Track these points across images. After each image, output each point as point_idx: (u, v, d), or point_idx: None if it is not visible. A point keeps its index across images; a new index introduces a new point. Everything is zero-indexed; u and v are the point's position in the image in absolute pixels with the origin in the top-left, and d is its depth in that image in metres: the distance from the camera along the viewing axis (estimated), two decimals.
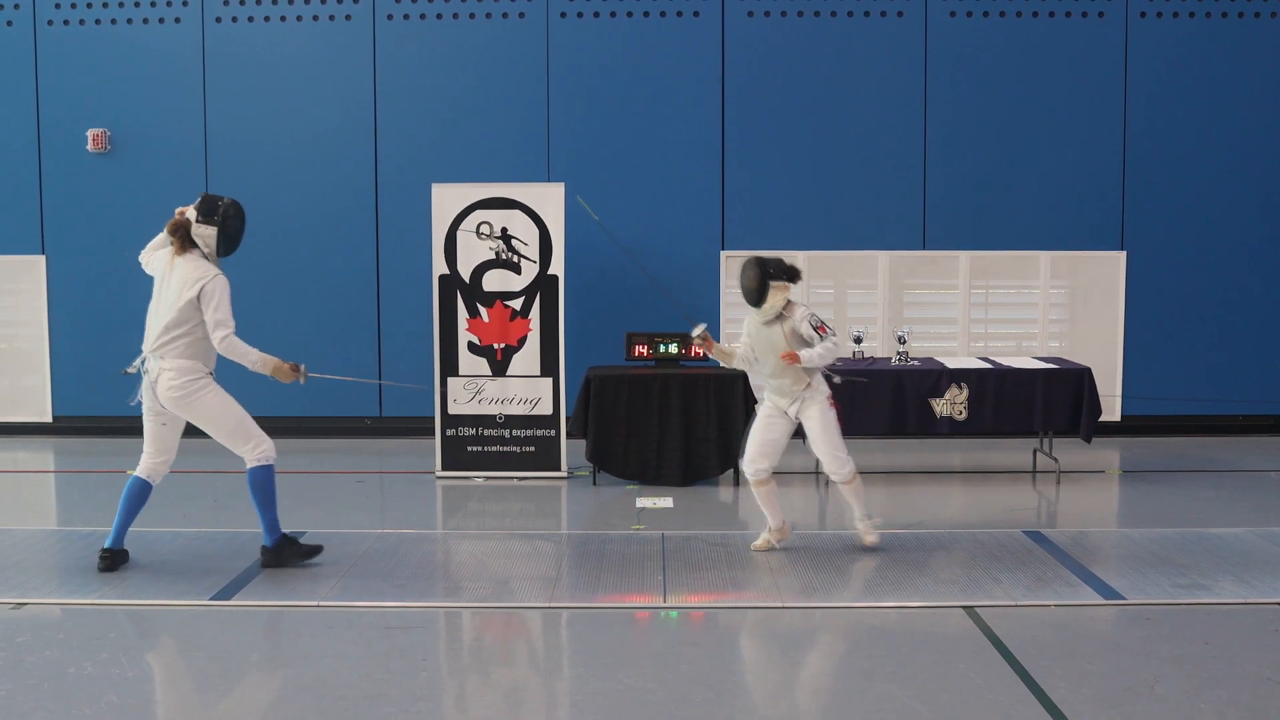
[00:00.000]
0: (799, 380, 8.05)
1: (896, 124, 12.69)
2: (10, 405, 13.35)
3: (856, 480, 8.20)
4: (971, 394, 10.39)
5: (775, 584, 7.49)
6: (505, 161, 12.60)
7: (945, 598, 7.15)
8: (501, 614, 7.03)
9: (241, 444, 7.73)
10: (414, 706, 5.54)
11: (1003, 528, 8.87)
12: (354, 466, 11.52)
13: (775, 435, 8.23)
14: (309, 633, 6.59)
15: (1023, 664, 5.97)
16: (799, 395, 8.09)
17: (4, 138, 13.03)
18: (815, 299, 12.75)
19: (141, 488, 7.78)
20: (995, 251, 12.77)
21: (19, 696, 5.67)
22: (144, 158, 12.94)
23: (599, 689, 5.82)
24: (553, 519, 9.71)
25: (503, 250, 10.76)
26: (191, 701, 5.68)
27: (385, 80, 12.87)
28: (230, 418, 7.69)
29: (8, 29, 12.99)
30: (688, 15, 12.69)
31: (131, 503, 7.78)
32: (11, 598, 7.20)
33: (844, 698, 5.62)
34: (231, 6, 12.87)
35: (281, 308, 12.87)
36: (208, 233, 7.69)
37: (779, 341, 8.01)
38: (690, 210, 12.78)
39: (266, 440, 7.79)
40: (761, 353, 8.17)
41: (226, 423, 7.68)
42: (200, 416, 7.64)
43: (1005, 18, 12.60)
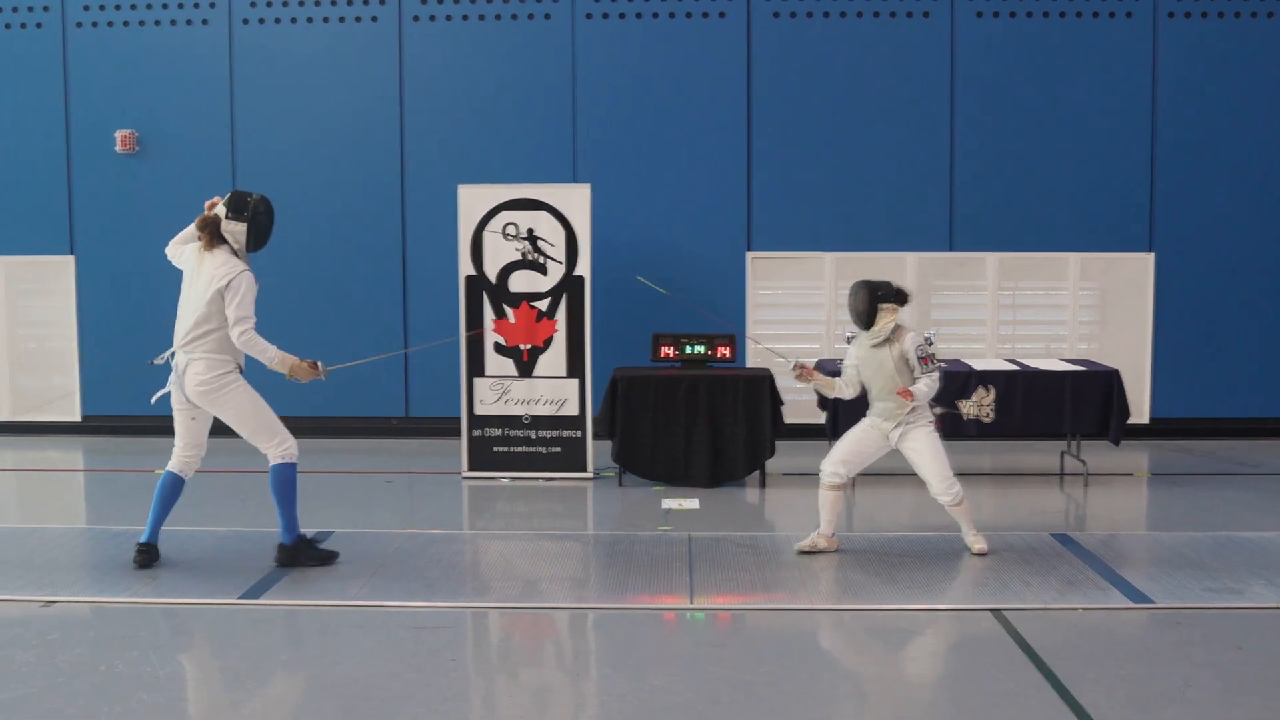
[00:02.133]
0: (905, 405, 8.05)
1: (924, 125, 12.65)
2: (40, 404, 13.42)
3: (964, 502, 8.19)
4: (999, 396, 10.35)
5: (803, 585, 7.47)
6: (531, 162, 12.62)
7: (973, 600, 7.13)
8: (529, 614, 7.04)
9: (266, 440, 7.77)
10: (442, 706, 5.55)
11: (1031, 530, 8.84)
12: (381, 467, 11.54)
13: (867, 449, 8.27)
14: (337, 632, 6.60)
15: (1051, 668, 5.94)
16: (902, 420, 8.09)
17: (33, 139, 13.11)
18: (843, 300, 12.67)
19: (174, 482, 7.83)
20: (1023, 253, 12.71)
21: (50, 694, 5.70)
22: (172, 159, 12.99)
23: (626, 690, 5.82)
24: (579, 520, 9.71)
25: (529, 251, 10.77)
26: (221, 700, 5.69)
27: (411, 81, 12.90)
28: (256, 414, 7.74)
29: (37, 31, 13.07)
30: (714, 16, 12.67)
31: (165, 497, 7.84)
32: (42, 596, 7.23)
33: (872, 700, 5.60)
34: (259, 8, 12.92)
35: (308, 308, 12.92)
36: (237, 229, 7.73)
37: (888, 365, 8.05)
38: (716, 212, 12.76)
39: (291, 439, 7.83)
40: (868, 375, 8.21)
41: (252, 419, 7.72)
42: (226, 412, 7.69)
43: (1032, 18, 12.54)
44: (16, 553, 8.13)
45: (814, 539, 8.26)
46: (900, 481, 10.79)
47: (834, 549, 8.26)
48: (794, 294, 12.92)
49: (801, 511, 9.76)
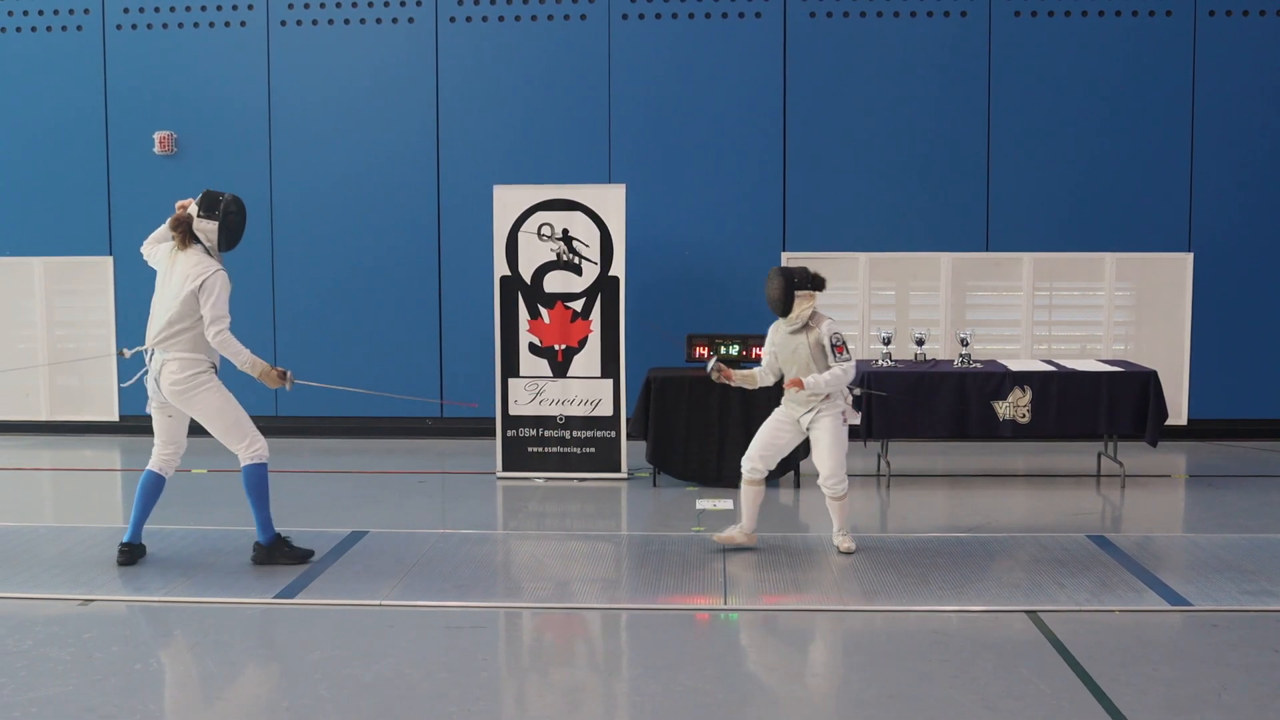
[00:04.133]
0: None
1: (960, 124, 12.60)
2: (78, 404, 13.55)
3: (846, 499, 8.22)
4: (1035, 396, 10.30)
5: (836, 586, 7.45)
6: (566, 163, 12.64)
7: (1008, 602, 7.09)
8: (561, 614, 7.05)
9: (237, 441, 7.84)
10: (475, 706, 5.56)
11: (1066, 532, 8.79)
12: (415, 467, 11.58)
13: (781, 441, 8.30)
14: (371, 631, 6.63)
15: (1087, 670, 5.91)
16: (815, 406, 8.10)
17: (73, 141, 13.24)
18: (877, 301, 12.69)
19: (155, 481, 7.93)
20: (1059, 253, 12.64)
21: (87, 691, 5.75)
22: (210, 160, 13.08)
23: (659, 690, 5.82)
24: (613, 520, 9.72)
25: (564, 252, 10.78)
26: (255, 698, 5.73)
27: (447, 82, 12.94)
28: (228, 415, 7.80)
29: (78, 33, 13.18)
30: (749, 16, 12.66)
31: (146, 497, 7.94)
32: (79, 594, 7.29)
33: (905, 702, 5.58)
34: (296, 10, 12.99)
35: (344, 307, 13.01)
36: (209, 228, 7.83)
37: (803, 351, 8.06)
38: (751, 212, 12.75)
39: (261, 440, 7.89)
40: (785, 362, 8.21)
41: (224, 419, 7.79)
42: (199, 411, 7.77)
43: (1070, 17, 12.47)
44: (54, 551, 8.21)
45: (732, 533, 8.32)
46: (932, 483, 10.76)
47: (752, 544, 8.30)
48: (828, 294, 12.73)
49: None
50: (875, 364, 10.76)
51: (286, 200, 13.07)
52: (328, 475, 11.22)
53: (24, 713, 5.45)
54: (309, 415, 13.15)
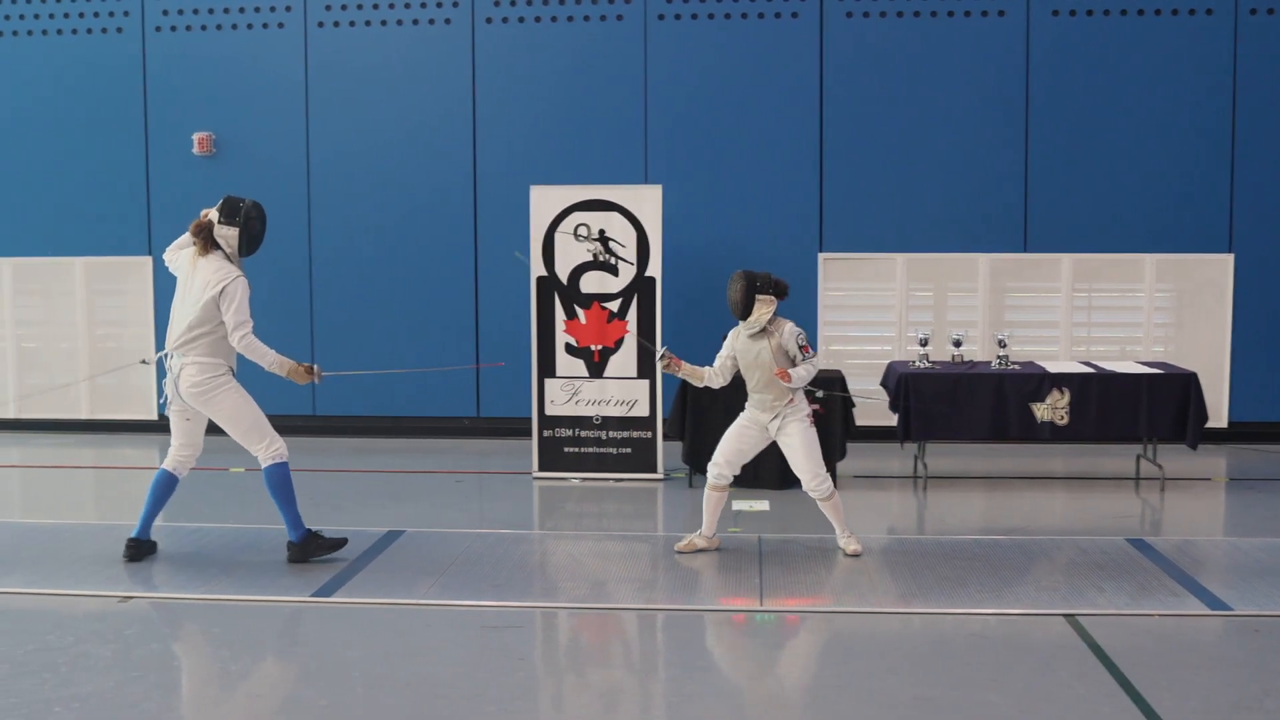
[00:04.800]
0: (782, 395, 8.07)
1: (997, 124, 12.53)
2: (118, 403, 13.65)
3: (835, 497, 8.19)
4: (1074, 398, 10.24)
5: (873, 588, 7.43)
6: (603, 163, 12.64)
7: (1046, 605, 7.05)
8: (598, 615, 7.05)
9: (256, 443, 7.91)
10: (511, 705, 5.57)
11: (1105, 535, 8.73)
12: (452, 466, 11.61)
13: (746, 446, 8.30)
14: (408, 630, 6.65)
15: (1126, 675, 5.87)
16: (780, 411, 8.09)
17: (113, 142, 13.34)
18: (915, 302, 12.64)
19: (168, 480, 8.05)
20: (1098, 254, 12.55)
21: (127, 688, 5.79)
22: (248, 161, 13.15)
23: (694, 691, 5.82)
24: (649, 521, 9.71)
25: (600, 252, 10.79)
26: (293, 696, 5.75)
27: (484, 83, 12.96)
28: (247, 417, 7.88)
29: (118, 36, 13.28)
30: (786, 16, 12.63)
31: (158, 494, 8.05)
32: (119, 591, 7.35)
33: (942, 705, 5.55)
34: (333, 12, 13.05)
35: (382, 308, 13.06)
36: (230, 234, 7.91)
37: (765, 356, 8.05)
38: (788, 212, 12.71)
39: (279, 440, 7.95)
40: (746, 366, 8.20)
41: (243, 421, 7.86)
42: (218, 413, 7.85)
43: (1110, 16, 12.38)
44: (95, 548, 8.27)
45: (692, 539, 8.31)
46: (969, 485, 10.72)
47: (715, 547, 8.30)
48: (865, 295, 12.86)
49: (873, 514, 9.73)
50: (912, 365, 10.72)
51: (323, 201, 13.13)
52: (365, 474, 11.26)
53: (65, 708, 5.49)
54: (346, 415, 13.20)
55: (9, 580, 7.56)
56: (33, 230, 13.53)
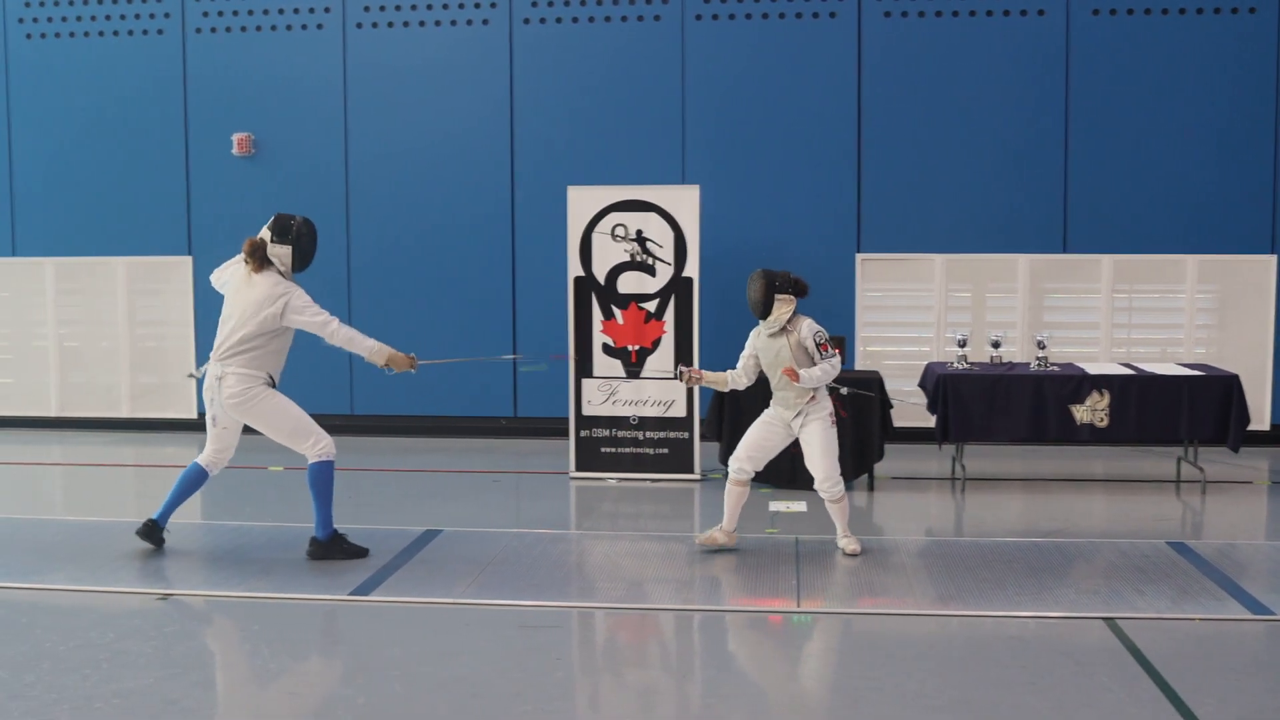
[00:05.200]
0: (803, 393, 8.08)
1: (1037, 124, 12.45)
2: (159, 402, 13.75)
3: (844, 500, 8.20)
4: (1113, 400, 10.17)
5: (910, 590, 7.40)
6: (640, 164, 12.64)
7: (1085, 608, 7.00)
8: (635, 615, 7.05)
9: (302, 442, 7.99)
10: (549, 705, 5.57)
11: (1145, 538, 8.66)
12: (490, 466, 11.63)
13: (770, 443, 8.32)
14: (446, 629, 6.67)
15: (1166, 679, 5.82)
16: (802, 409, 8.11)
17: (154, 143, 13.45)
18: (953, 303, 12.58)
19: (199, 474, 8.17)
20: (1139, 255, 12.46)
21: (167, 684, 5.83)
22: (287, 161, 13.24)
23: (731, 692, 5.81)
24: (686, 521, 9.71)
25: (638, 252, 10.79)
26: (332, 695, 5.77)
27: (521, 84, 12.99)
28: (289, 419, 7.98)
29: (159, 37, 13.39)
30: (824, 16, 12.60)
31: (186, 486, 8.18)
32: (159, 588, 7.41)
33: (980, 708, 5.53)
34: (371, 13, 13.11)
35: (419, 308, 13.10)
36: (283, 252, 8.03)
37: (784, 354, 8.07)
38: (826, 213, 12.68)
39: (326, 438, 8.04)
40: (767, 365, 8.23)
41: (285, 424, 7.97)
42: (259, 421, 7.97)
43: (1151, 15, 12.29)
44: (135, 546, 8.31)
45: (713, 533, 8.34)
46: (1008, 487, 10.66)
47: (732, 544, 8.33)
48: (903, 296, 12.81)
49: (910, 516, 9.70)
50: (951, 366, 10.68)
51: (362, 201, 13.19)
52: (403, 474, 11.30)
53: (106, 704, 5.54)
54: (385, 414, 13.26)
55: (52, 577, 7.63)
56: (75, 230, 13.66)
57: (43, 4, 13.56)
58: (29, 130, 13.69)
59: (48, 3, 13.55)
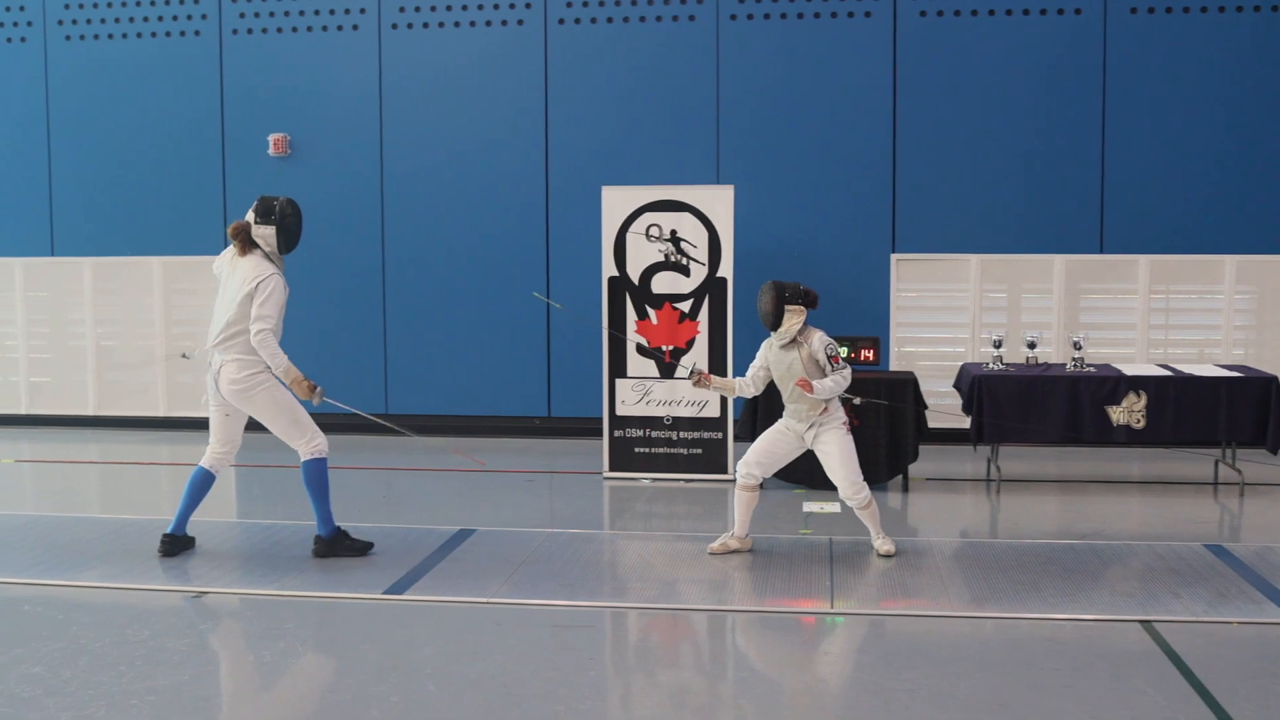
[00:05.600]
0: (815, 405, 8.08)
1: (1072, 124, 12.37)
2: (194, 400, 13.81)
3: (873, 504, 8.18)
4: (1150, 402, 10.10)
5: (945, 592, 7.37)
6: (675, 164, 12.63)
7: (1122, 611, 6.95)
8: (667, 615, 7.05)
9: (296, 438, 8.03)
10: (581, 705, 5.58)
11: (1182, 540, 8.60)
12: (523, 466, 11.65)
13: (781, 451, 8.34)
14: (479, 629, 6.68)
15: (1204, 683, 5.78)
16: (815, 420, 8.11)
17: (191, 143, 13.53)
18: (988, 303, 12.52)
19: (205, 478, 8.19)
20: (1176, 255, 12.36)
21: (201, 682, 5.86)
22: (322, 161, 13.29)
23: (764, 693, 5.80)
24: (719, 521, 9.68)
25: (672, 253, 10.79)
26: (365, 693, 5.79)
27: (556, 84, 13.00)
28: (286, 413, 8.00)
29: (195, 39, 13.47)
30: (859, 16, 12.56)
31: (195, 492, 8.19)
32: (194, 586, 7.45)
33: (1016, 711, 5.49)
34: (407, 14, 13.14)
35: (454, 306, 13.14)
36: (267, 232, 8.03)
37: (796, 366, 8.08)
38: (860, 213, 12.64)
39: (320, 435, 8.06)
40: (779, 377, 8.23)
41: (282, 417, 7.98)
42: (258, 410, 7.98)
43: (1189, 13, 12.19)
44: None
45: (725, 540, 8.32)
46: (1043, 488, 10.60)
47: (747, 549, 8.31)
48: (938, 296, 12.75)
49: (945, 517, 9.66)
50: (986, 367, 10.62)
51: (397, 201, 13.23)
52: (436, 473, 11.33)
53: (141, 701, 5.57)
54: (419, 414, 13.28)
55: (89, 574, 7.70)
56: (112, 230, 13.75)
57: (81, 6, 13.67)
58: (67, 131, 13.79)
59: (86, 5, 13.66)
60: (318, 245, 12.88)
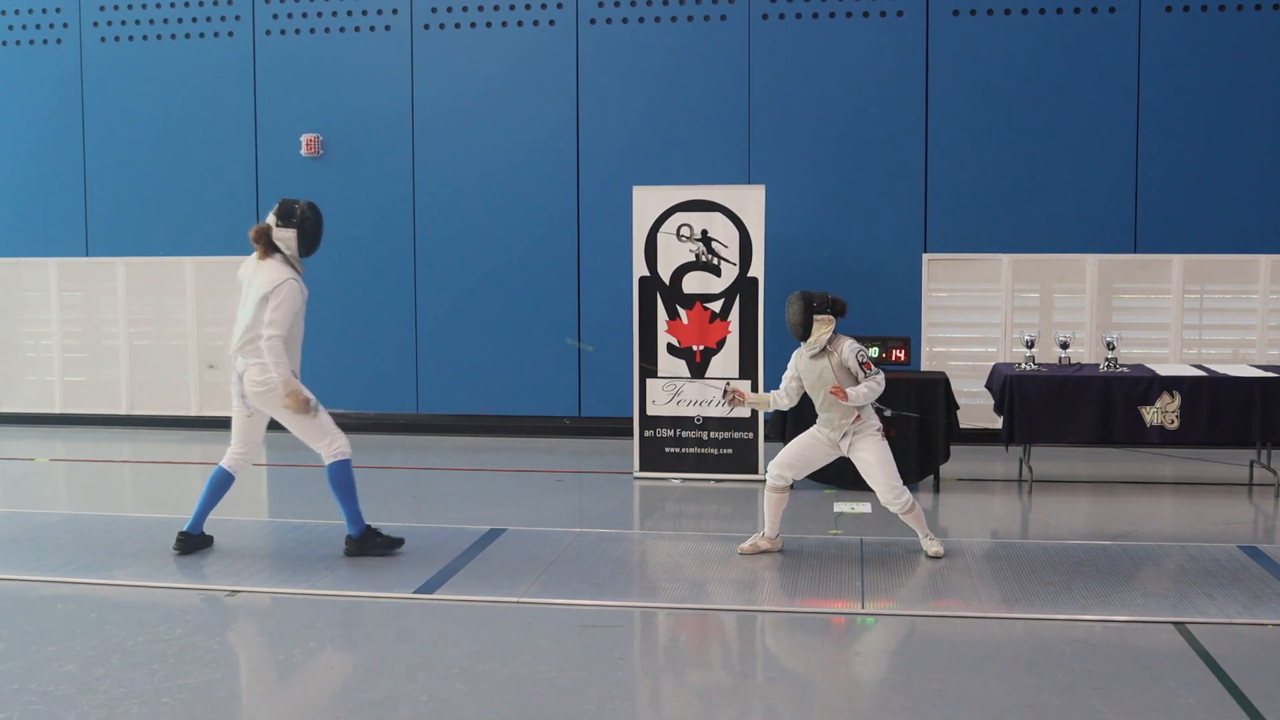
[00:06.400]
0: (848, 414, 8.07)
1: (1107, 123, 12.30)
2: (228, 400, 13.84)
3: (916, 507, 8.14)
4: (1184, 402, 10.03)
5: (976, 593, 7.34)
6: (706, 163, 12.62)
7: (1155, 612, 6.91)
8: (697, 615, 7.04)
9: (318, 440, 8.05)
10: (610, 705, 5.58)
11: (1216, 542, 8.54)
12: (553, 466, 11.66)
13: (813, 456, 8.33)
14: (508, 628, 6.69)
15: (1238, 685, 5.73)
16: (848, 429, 8.10)
17: (224, 143, 13.60)
18: (1020, 303, 12.46)
19: (224, 478, 8.21)
20: (1211, 255, 12.27)
21: (232, 680, 5.90)
22: (354, 162, 13.34)
23: (793, 693, 5.79)
24: (749, 522, 9.67)
25: (703, 252, 10.78)
26: (394, 692, 5.80)
27: (587, 83, 13.01)
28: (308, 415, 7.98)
29: (229, 40, 13.54)
30: (891, 15, 12.51)
31: (213, 492, 8.22)
32: (226, 585, 7.48)
33: (1047, 713, 5.46)
34: (439, 14, 13.18)
35: (485, 306, 13.17)
36: (288, 236, 8.03)
37: (827, 375, 8.06)
38: (891, 212, 12.60)
39: (342, 437, 8.08)
40: (810, 386, 8.21)
41: (304, 419, 7.98)
42: (280, 412, 7.99)
43: (1225, 11, 12.11)
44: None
45: (755, 540, 8.31)
46: (1076, 489, 10.55)
47: (777, 549, 8.30)
48: (970, 296, 12.70)
49: (976, 517, 9.62)
50: (1018, 367, 10.57)
51: (429, 200, 13.27)
52: (467, 473, 11.36)
53: (173, 698, 5.60)
54: (449, 413, 13.32)
55: (121, 573, 7.75)
56: (145, 230, 13.84)
57: (116, 8, 13.76)
58: (102, 132, 13.89)
59: (121, 6, 13.75)
60: (350, 245, 12.97)
